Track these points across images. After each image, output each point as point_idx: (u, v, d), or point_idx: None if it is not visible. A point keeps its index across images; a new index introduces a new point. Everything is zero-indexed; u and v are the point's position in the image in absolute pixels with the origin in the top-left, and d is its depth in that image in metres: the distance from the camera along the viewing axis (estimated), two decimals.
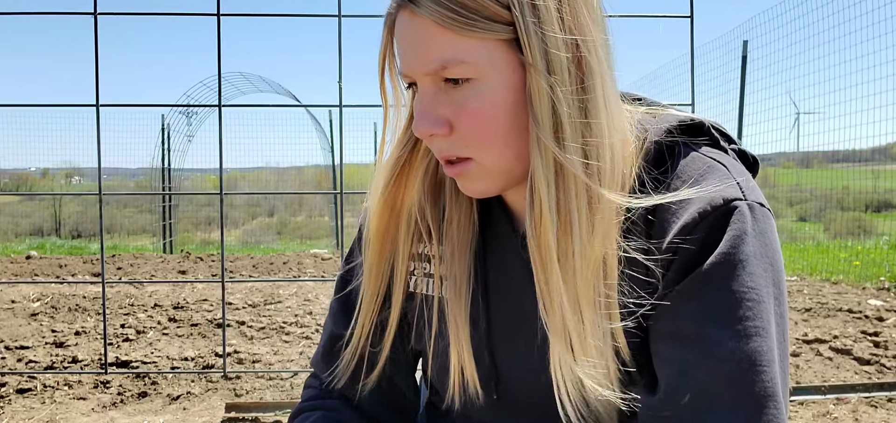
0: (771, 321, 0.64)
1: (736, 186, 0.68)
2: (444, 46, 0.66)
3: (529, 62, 0.64)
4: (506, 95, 0.67)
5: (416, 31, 0.67)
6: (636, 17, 2.23)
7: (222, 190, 2.34)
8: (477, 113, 0.67)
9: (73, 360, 3.13)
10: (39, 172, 17.89)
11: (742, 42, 7.04)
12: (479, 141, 0.68)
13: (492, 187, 0.73)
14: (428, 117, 0.69)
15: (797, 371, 2.99)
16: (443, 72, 0.67)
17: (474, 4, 0.64)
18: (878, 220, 9.66)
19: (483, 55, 0.66)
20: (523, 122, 0.67)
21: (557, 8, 0.65)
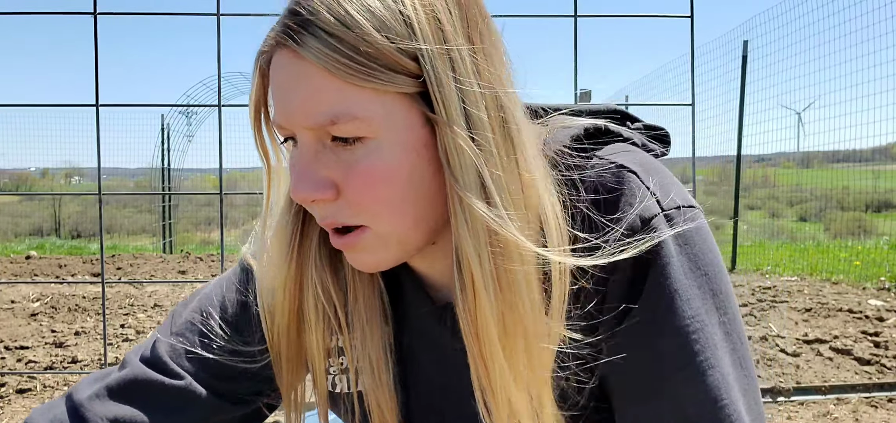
0: (718, 343, 0.59)
1: (649, 197, 0.60)
2: (333, 98, 0.55)
3: (443, 119, 0.55)
4: (403, 156, 0.57)
5: (299, 77, 0.56)
6: (636, 17, 2.22)
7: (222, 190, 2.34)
8: (369, 175, 0.57)
9: (73, 360, 3.12)
10: (39, 172, 17.91)
11: (742, 42, 7.04)
12: (371, 207, 0.58)
13: (387, 260, 0.62)
14: (309, 179, 0.58)
15: (797, 371, 2.99)
16: (330, 127, 0.56)
17: (374, 51, 0.54)
18: (879, 220, 9.66)
19: (379, 110, 0.55)
20: (423, 185, 0.58)
21: (472, 57, 0.57)
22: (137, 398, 0.71)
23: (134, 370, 0.71)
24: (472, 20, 0.58)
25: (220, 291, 0.77)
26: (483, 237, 0.56)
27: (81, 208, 14.17)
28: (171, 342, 0.73)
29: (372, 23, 0.54)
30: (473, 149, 0.56)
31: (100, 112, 2.11)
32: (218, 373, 0.73)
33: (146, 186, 12.52)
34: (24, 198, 16.08)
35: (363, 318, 0.69)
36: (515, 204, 0.58)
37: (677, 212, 0.60)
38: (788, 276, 5.98)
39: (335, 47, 0.54)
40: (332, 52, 0.54)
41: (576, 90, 1.96)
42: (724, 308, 0.60)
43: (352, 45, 0.54)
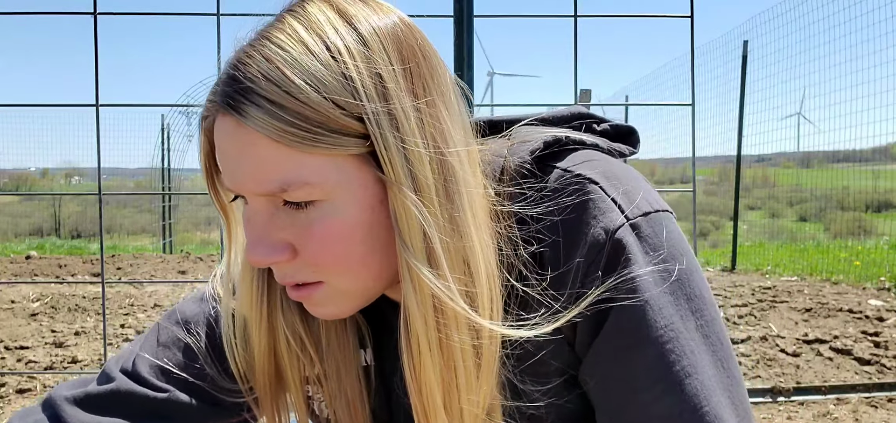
0: (695, 349, 0.58)
1: (613, 208, 0.59)
2: (282, 166, 0.54)
3: (391, 180, 0.54)
4: (359, 215, 0.56)
5: (243, 146, 0.54)
6: (636, 17, 2.23)
7: None
8: (325, 236, 0.56)
9: (73, 360, 3.13)
10: (39, 172, 17.92)
11: (742, 42, 7.04)
12: (329, 265, 0.57)
13: (347, 309, 0.62)
14: (264, 244, 0.57)
15: (798, 372, 2.99)
16: (282, 195, 0.55)
17: (318, 116, 0.52)
18: (879, 220, 9.66)
19: (331, 173, 0.54)
20: (381, 240, 0.58)
21: (417, 114, 0.56)
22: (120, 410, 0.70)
23: (118, 382, 0.71)
24: (415, 74, 0.57)
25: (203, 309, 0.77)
26: (429, 304, 0.55)
27: (81, 208, 14.17)
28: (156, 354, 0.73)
29: (313, 86, 0.53)
30: (422, 211, 0.55)
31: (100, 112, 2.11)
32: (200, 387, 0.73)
33: (146, 186, 12.53)
34: (24, 198, 16.08)
35: (336, 355, 0.69)
36: (458, 268, 0.57)
37: (644, 219, 0.59)
38: (788, 276, 5.98)
39: (278, 115, 0.52)
40: (274, 121, 0.52)
41: (576, 91, 1.96)
42: (700, 312, 0.59)
43: (295, 112, 0.52)
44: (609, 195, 0.60)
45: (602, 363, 0.59)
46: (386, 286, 0.62)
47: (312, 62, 0.53)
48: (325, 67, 0.53)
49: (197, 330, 0.74)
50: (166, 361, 0.73)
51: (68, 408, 0.69)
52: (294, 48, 0.54)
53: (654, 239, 0.59)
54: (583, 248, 0.58)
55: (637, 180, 0.63)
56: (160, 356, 0.73)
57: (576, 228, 0.59)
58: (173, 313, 0.78)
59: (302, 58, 0.53)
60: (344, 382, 0.69)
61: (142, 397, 0.70)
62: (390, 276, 0.61)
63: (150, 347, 0.74)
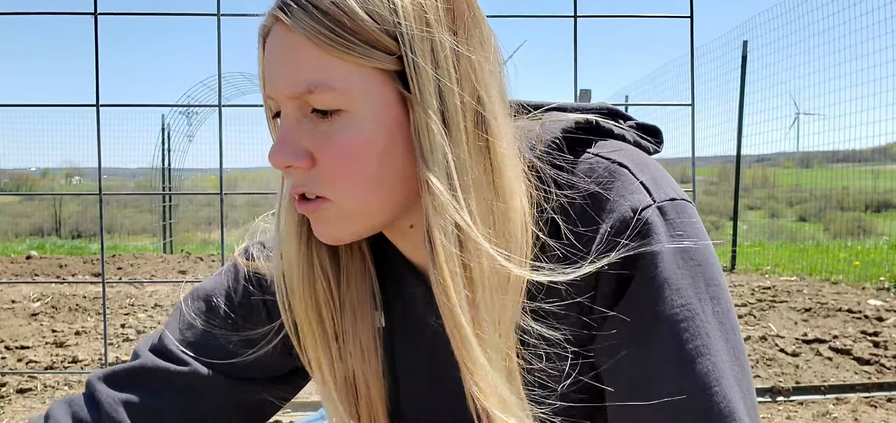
0: (711, 331, 0.59)
1: (641, 190, 0.61)
2: (313, 66, 0.58)
3: (417, 99, 0.57)
4: (378, 132, 0.59)
5: (286, 47, 0.59)
6: (636, 18, 2.23)
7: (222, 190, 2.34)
8: (343, 148, 0.59)
9: (74, 360, 3.13)
10: (39, 172, 17.91)
11: (742, 42, 7.04)
12: (341, 180, 0.60)
13: (347, 234, 0.64)
14: (287, 146, 0.60)
15: (797, 371, 2.99)
16: (308, 96, 0.58)
17: (354, 24, 0.56)
18: (878, 220, 9.66)
19: (357, 83, 0.58)
20: (394, 166, 0.60)
21: (453, 49, 0.58)
22: (146, 383, 0.75)
23: (143, 359, 0.76)
24: (458, 15, 0.60)
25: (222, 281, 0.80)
26: (449, 220, 0.57)
27: (82, 208, 14.18)
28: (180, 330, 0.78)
29: (358, 1, 0.57)
30: (443, 133, 0.57)
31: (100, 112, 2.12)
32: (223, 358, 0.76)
33: (146, 186, 12.53)
34: (25, 198, 16.08)
35: (354, 300, 0.71)
36: (482, 196, 0.59)
37: (670, 204, 0.61)
38: (788, 276, 5.98)
39: (319, 19, 0.57)
40: (316, 24, 0.57)
41: (576, 90, 1.96)
42: (717, 298, 0.61)
43: (333, 17, 0.57)
44: (637, 178, 0.62)
45: (616, 337, 0.60)
46: (389, 219, 0.64)
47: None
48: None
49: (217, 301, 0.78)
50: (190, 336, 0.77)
51: (98, 385, 0.74)
52: None
53: (678, 222, 0.61)
54: (609, 221, 0.60)
55: (662, 171, 0.65)
56: (184, 332, 0.77)
57: (603, 202, 0.61)
58: (195, 290, 0.82)
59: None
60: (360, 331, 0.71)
61: (165, 371, 0.75)
62: (395, 209, 0.63)
63: (174, 324, 0.79)
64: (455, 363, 0.64)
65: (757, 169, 11.28)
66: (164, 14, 2.22)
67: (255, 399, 0.79)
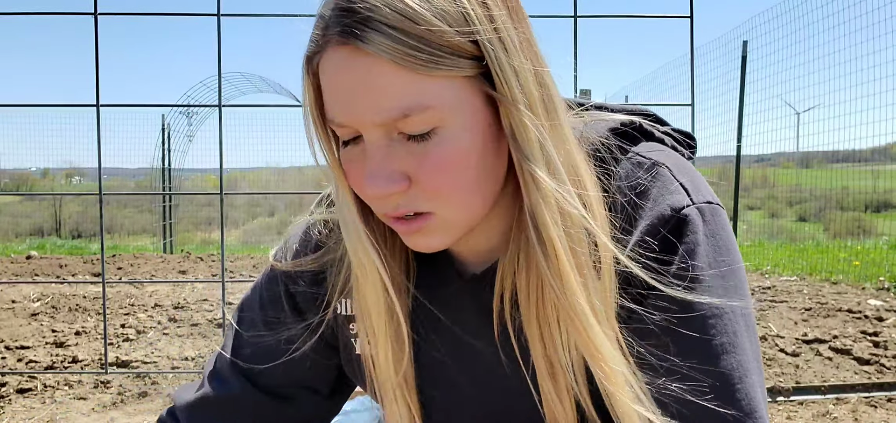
0: (738, 330, 0.61)
1: (681, 190, 0.63)
2: (403, 90, 0.55)
3: (508, 98, 0.57)
4: (473, 139, 0.58)
5: (364, 74, 0.55)
6: (636, 18, 2.23)
7: (222, 190, 2.34)
8: (442, 163, 0.57)
9: (74, 360, 3.13)
10: (39, 172, 17.90)
11: (742, 42, 7.04)
12: (445, 192, 0.59)
13: (449, 240, 0.63)
14: (383, 175, 0.58)
15: (797, 371, 2.99)
16: (402, 121, 0.56)
17: (437, 38, 0.55)
18: (878, 220, 9.66)
19: (448, 97, 0.56)
20: (488, 165, 0.60)
21: (519, 38, 0.59)
22: (207, 415, 0.80)
23: (205, 390, 0.81)
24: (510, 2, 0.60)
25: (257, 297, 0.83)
26: (555, 208, 0.58)
27: (82, 208, 14.17)
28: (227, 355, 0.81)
29: (431, 11, 0.55)
30: (536, 124, 0.58)
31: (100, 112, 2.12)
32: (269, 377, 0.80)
33: (147, 186, 12.52)
34: (25, 198, 16.08)
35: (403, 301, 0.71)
36: (571, 174, 0.61)
37: (707, 207, 0.63)
38: (788, 276, 5.98)
39: (400, 40, 0.54)
40: (398, 45, 0.54)
41: (575, 90, 1.96)
42: (744, 301, 0.63)
43: (416, 36, 0.54)
44: (677, 179, 0.64)
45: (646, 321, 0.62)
46: (485, 216, 0.65)
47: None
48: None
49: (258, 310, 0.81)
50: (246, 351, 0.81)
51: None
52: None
53: (713, 225, 0.63)
54: (648, 218, 0.63)
55: (700, 177, 0.67)
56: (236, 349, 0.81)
57: (644, 198, 0.64)
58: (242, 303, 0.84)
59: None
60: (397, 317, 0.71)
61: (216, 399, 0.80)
62: (490, 206, 0.64)
63: (228, 342, 0.82)
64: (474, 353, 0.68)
65: (757, 169, 11.27)
66: (164, 14, 2.22)
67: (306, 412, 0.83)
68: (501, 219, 0.67)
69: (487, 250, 0.71)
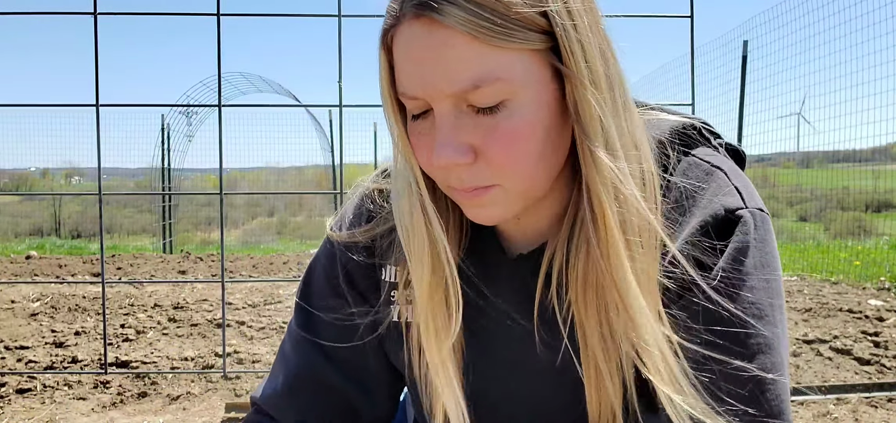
0: (777, 333, 0.64)
1: (736, 193, 0.66)
2: (476, 61, 0.57)
3: (574, 73, 0.58)
4: (540, 113, 0.59)
5: (438, 45, 0.57)
6: (636, 17, 2.23)
7: (222, 190, 2.34)
8: (510, 137, 0.59)
9: (73, 360, 3.13)
10: (39, 172, 17.90)
11: (742, 42, 7.04)
12: (510, 166, 0.60)
13: (511, 212, 0.65)
14: (451, 146, 0.59)
15: (797, 371, 2.99)
16: (473, 92, 0.58)
17: (509, 11, 0.56)
18: (879, 220, 9.66)
19: (518, 70, 0.58)
20: (554, 139, 0.61)
21: (588, 15, 0.60)
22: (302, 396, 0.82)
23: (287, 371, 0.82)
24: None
25: (321, 272, 0.83)
26: (609, 186, 0.60)
27: (81, 208, 14.17)
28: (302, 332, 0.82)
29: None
30: (599, 101, 0.59)
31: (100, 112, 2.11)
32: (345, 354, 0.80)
33: (146, 186, 12.52)
34: (25, 198, 16.08)
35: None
36: (631, 147, 0.62)
37: (759, 213, 0.65)
38: (788, 276, 5.98)
39: (475, 12, 0.56)
40: (474, 17, 0.56)
41: None
42: (781, 309, 0.66)
43: (490, 8, 0.56)
44: (732, 183, 0.66)
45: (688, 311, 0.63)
46: (548, 189, 0.66)
47: None
48: None
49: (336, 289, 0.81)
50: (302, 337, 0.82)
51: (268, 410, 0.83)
52: None
53: (762, 232, 0.65)
54: (701, 215, 0.64)
55: (752, 186, 0.69)
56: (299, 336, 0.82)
57: (700, 195, 0.66)
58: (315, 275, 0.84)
59: None
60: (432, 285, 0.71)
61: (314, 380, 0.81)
62: (552, 180, 0.65)
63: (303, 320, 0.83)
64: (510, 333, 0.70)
65: (757, 169, 11.27)
66: (164, 14, 2.22)
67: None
68: (555, 201, 0.69)
69: (536, 232, 0.72)
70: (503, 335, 0.74)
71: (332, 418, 0.81)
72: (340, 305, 0.81)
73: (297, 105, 10.60)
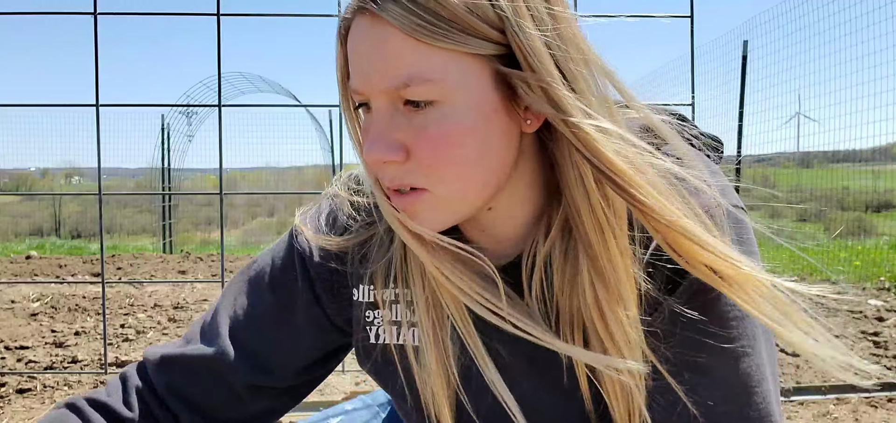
0: (757, 333, 0.63)
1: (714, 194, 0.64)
2: (409, 58, 0.57)
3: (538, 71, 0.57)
4: (475, 120, 0.58)
5: (377, 40, 0.58)
6: (636, 17, 2.23)
7: (222, 190, 2.34)
8: (440, 139, 0.58)
9: (73, 360, 3.13)
10: (39, 172, 17.89)
11: (742, 42, 7.04)
12: (438, 170, 0.59)
13: (445, 221, 0.63)
14: (382, 142, 0.59)
15: (797, 371, 2.99)
16: (404, 89, 0.57)
17: (448, 12, 0.55)
18: (879, 220, 9.65)
19: (453, 72, 0.57)
20: (490, 152, 0.60)
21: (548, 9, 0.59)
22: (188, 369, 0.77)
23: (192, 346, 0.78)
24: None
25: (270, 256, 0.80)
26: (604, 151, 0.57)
27: (81, 208, 14.16)
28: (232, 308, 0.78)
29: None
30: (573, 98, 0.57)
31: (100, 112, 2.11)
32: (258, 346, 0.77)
33: (146, 186, 12.51)
34: (24, 198, 16.08)
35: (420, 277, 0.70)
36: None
37: (737, 210, 0.64)
38: (788, 276, 5.98)
39: (412, 9, 0.55)
40: (409, 15, 0.55)
41: None
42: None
43: (429, 8, 0.55)
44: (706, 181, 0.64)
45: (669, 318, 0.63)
46: (480, 206, 0.64)
47: None
48: None
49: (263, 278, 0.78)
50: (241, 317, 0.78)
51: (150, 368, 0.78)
52: None
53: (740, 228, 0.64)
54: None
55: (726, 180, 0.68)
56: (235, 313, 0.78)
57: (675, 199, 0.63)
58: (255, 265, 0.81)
59: None
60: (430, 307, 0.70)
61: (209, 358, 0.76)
62: (489, 194, 0.63)
63: (229, 300, 0.79)
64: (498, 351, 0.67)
65: (757, 169, 11.27)
66: (164, 14, 2.22)
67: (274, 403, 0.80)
68: (524, 207, 0.67)
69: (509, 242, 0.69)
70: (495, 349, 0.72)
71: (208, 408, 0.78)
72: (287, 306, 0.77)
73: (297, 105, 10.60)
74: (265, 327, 0.77)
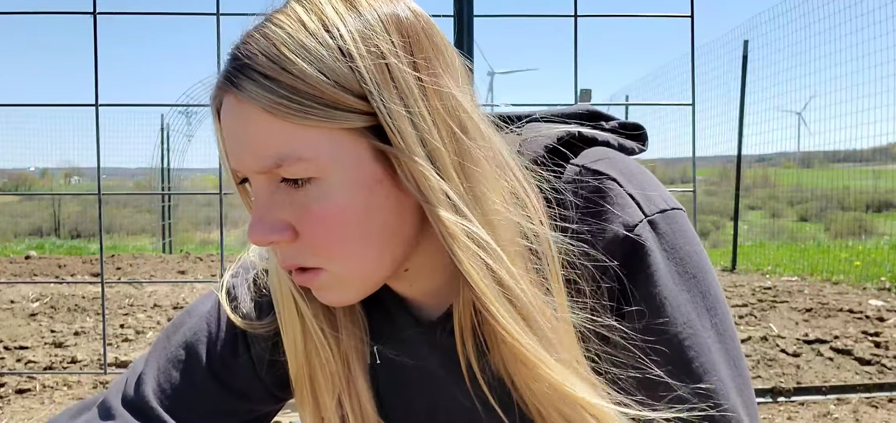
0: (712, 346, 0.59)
1: (632, 204, 0.60)
2: (277, 139, 0.54)
3: (401, 147, 0.54)
4: (357, 194, 0.55)
5: (242, 121, 0.55)
6: (636, 17, 2.22)
7: (222, 190, 2.34)
8: (322, 217, 0.56)
9: (73, 360, 3.12)
10: (39, 172, 17.90)
11: (743, 42, 7.03)
12: (328, 250, 0.57)
13: (351, 296, 0.61)
14: (265, 223, 0.57)
15: (798, 372, 2.99)
16: (277, 170, 0.55)
17: (311, 89, 0.53)
18: (879, 220, 9.66)
19: (325, 149, 0.54)
20: (379, 224, 0.57)
21: (419, 85, 0.55)
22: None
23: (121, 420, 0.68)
24: (417, 47, 0.56)
25: (205, 325, 0.73)
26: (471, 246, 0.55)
27: (81, 208, 14.16)
28: (157, 380, 0.70)
29: (306, 60, 0.53)
30: (436, 175, 0.55)
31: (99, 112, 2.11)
32: (203, 413, 0.70)
33: (146, 186, 12.52)
34: (24, 198, 16.08)
35: (345, 347, 0.68)
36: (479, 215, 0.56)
37: (661, 216, 0.60)
38: (789, 276, 5.98)
39: (271, 88, 0.53)
40: (268, 94, 0.53)
41: (576, 90, 1.95)
42: (714, 309, 0.60)
43: (287, 85, 0.53)
44: (626, 191, 0.60)
45: (620, 354, 0.59)
46: (388, 273, 0.61)
47: (308, 38, 0.54)
48: (320, 43, 0.54)
49: (198, 349, 0.71)
50: (167, 387, 0.70)
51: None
52: (291, 26, 0.55)
53: (670, 236, 0.60)
54: (601, 242, 0.59)
55: (650, 178, 0.63)
56: (162, 383, 0.70)
57: (594, 222, 0.60)
58: (176, 328, 0.74)
59: (297, 34, 0.54)
60: (357, 378, 0.68)
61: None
62: (394, 260, 0.60)
63: (153, 368, 0.71)
64: (450, 403, 0.64)
65: (758, 169, 11.27)
66: (164, 14, 2.21)
67: None
68: (446, 260, 0.60)
69: (438, 290, 0.66)
70: (440, 410, 0.70)
71: None
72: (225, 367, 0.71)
73: None
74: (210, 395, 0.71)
